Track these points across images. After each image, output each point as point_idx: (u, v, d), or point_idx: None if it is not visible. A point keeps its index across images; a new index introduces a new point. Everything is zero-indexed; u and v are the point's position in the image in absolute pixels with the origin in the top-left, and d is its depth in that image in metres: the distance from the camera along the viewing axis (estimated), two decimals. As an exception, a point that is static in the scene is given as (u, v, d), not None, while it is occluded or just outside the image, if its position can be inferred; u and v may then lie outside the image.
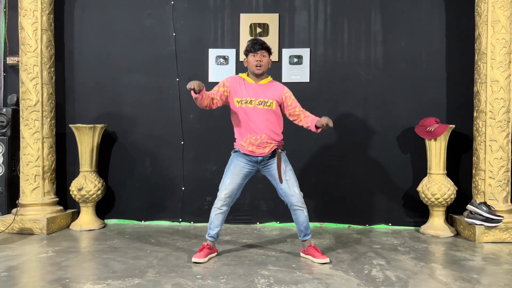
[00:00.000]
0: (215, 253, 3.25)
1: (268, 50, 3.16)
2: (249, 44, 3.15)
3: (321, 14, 4.36)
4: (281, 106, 3.21)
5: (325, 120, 2.99)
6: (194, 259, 3.08)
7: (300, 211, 3.14)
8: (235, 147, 3.24)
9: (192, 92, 2.93)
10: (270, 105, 3.13)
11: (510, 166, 3.87)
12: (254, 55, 3.12)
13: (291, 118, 3.24)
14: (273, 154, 3.16)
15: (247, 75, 3.21)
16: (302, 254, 3.27)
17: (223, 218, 3.19)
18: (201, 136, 4.40)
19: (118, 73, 4.44)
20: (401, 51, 4.31)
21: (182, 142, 4.42)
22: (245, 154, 3.16)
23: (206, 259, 3.11)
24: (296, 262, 3.14)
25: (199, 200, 4.38)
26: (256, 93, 3.13)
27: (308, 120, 3.15)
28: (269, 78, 3.23)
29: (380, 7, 4.31)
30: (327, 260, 3.11)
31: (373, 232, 4.10)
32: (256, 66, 3.11)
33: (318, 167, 4.33)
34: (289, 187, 3.13)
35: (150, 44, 4.42)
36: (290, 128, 3.51)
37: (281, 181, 3.13)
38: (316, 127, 3.09)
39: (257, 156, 3.14)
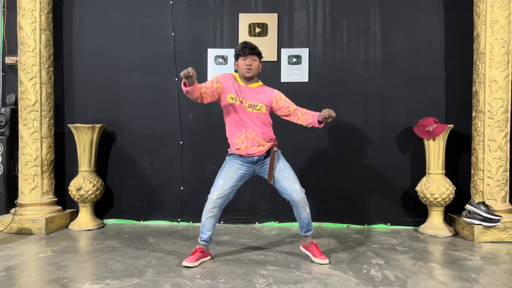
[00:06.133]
0: (208, 257, 3.16)
1: (259, 55, 3.12)
2: (239, 48, 3.12)
3: (320, 14, 4.36)
4: (272, 110, 3.18)
5: (327, 112, 2.94)
6: (184, 263, 3.00)
7: (303, 208, 3.07)
8: (229, 151, 3.20)
9: (183, 85, 2.89)
10: (259, 109, 3.09)
11: (508, 166, 3.88)
12: (244, 59, 3.08)
13: (287, 118, 3.20)
14: (268, 153, 3.12)
15: (239, 76, 3.18)
16: (302, 248, 3.26)
17: (215, 221, 3.10)
18: (200, 136, 4.40)
19: (117, 73, 4.43)
20: (400, 51, 4.31)
21: (181, 142, 4.42)
22: (240, 156, 3.11)
23: (197, 263, 3.02)
24: (295, 261, 3.14)
25: (198, 200, 4.37)
26: (246, 95, 3.09)
27: (308, 117, 3.10)
28: (259, 83, 3.18)
29: (379, 6, 4.32)
30: (327, 261, 3.09)
31: (372, 232, 4.10)
32: (246, 70, 3.08)
33: (317, 167, 4.33)
34: (290, 184, 3.06)
35: (149, 44, 4.42)
36: (289, 128, 3.51)
37: (270, 180, 3.09)
38: (319, 122, 3.04)
39: (253, 156, 3.10)
